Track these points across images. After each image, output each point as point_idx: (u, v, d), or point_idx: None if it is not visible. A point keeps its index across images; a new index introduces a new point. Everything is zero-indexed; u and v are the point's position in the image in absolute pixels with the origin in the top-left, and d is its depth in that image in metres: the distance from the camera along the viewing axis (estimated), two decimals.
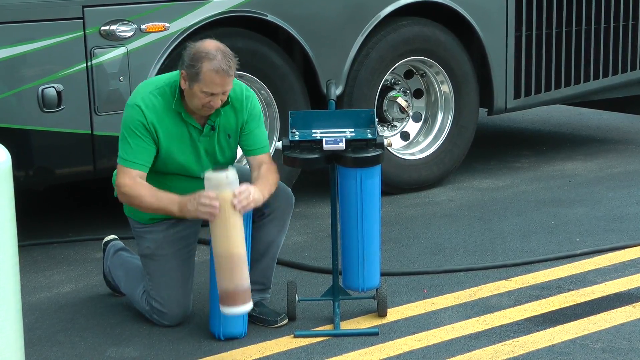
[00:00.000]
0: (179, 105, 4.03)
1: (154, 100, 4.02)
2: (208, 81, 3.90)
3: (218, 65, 3.89)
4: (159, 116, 4.01)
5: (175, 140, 4.05)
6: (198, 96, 3.94)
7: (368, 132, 4.16)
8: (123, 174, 4.01)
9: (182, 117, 4.04)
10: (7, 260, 3.23)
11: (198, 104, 3.98)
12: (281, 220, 4.20)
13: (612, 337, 4.01)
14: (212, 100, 3.95)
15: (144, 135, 3.99)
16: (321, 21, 5.78)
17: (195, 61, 3.91)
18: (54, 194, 6.47)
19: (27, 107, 4.96)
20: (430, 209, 5.96)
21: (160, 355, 3.98)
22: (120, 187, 4.02)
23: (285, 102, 5.71)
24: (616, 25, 6.92)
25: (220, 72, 3.90)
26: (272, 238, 4.21)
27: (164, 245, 4.16)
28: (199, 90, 3.93)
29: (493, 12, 6.39)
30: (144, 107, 3.99)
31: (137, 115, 3.99)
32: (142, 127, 3.98)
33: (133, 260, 4.49)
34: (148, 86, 4.09)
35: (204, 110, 4.00)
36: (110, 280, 4.60)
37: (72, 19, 5.02)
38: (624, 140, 7.77)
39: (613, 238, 5.28)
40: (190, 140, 4.08)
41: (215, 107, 3.99)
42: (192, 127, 4.07)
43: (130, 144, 3.99)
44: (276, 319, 4.21)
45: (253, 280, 4.21)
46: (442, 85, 6.39)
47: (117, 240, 4.70)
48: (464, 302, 4.43)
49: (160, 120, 4.01)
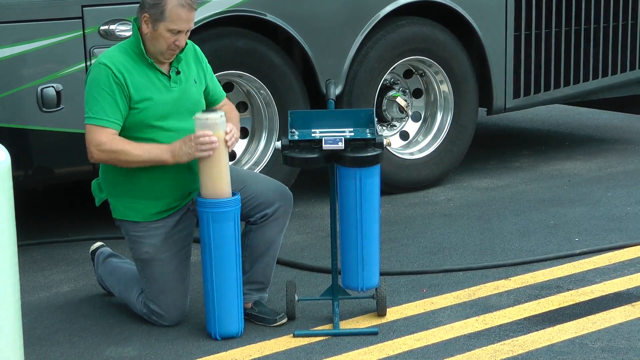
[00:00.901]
0: (147, 55, 4.03)
1: (117, 54, 4.03)
2: (175, 17, 3.93)
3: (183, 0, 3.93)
4: (125, 67, 4.01)
5: (149, 88, 4.04)
6: (164, 36, 3.96)
7: (367, 131, 4.16)
8: (96, 132, 3.99)
9: (149, 65, 4.04)
10: (7, 259, 3.23)
11: (163, 46, 3.99)
12: (282, 220, 4.21)
13: (612, 336, 4.01)
14: (178, 39, 3.98)
15: (115, 92, 3.98)
16: (320, 21, 5.78)
17: (158, 0, 3.94)
18: (53, 193, 6.47)
19: (26, 107, 4.96)
20: (429, 209, 5.96)
21: (160, 355, 3.98)
22: (99, 146, 3.99)
23: (284, 102, 5.71)
24: (615, 25, 6.92)
25: (186, 7, 3.95)
26: (273, 238, 4.21)
27: (162, 249, 4.15)
28: (165, 29, 3.95)
29: (492, 12, 6.39)
30: (110, 63, 3.99)
31: (105, 71, 3.98)
32: (112, 82, 3.98)
33: (123, 265, 4.49)
34: (107, 51, 4.10)
35: (168, 53, 4.02)
36: (105, 287, 4.60)
37: (71, 18, 5.02)
38: (623, 140, 7.77)
39: (612, 238, 5.28)
40: (163, 87, 4.08)
41: (181, 46, 4.01)
42: (161, 74, 4.07)
43: (100, 102, 3.98)
44: (275, 317, 4.21)
45: (253, 280, 4.23)
46: (442, 85, 6.39)
47: (104, 247, 4.70)
48: (463, 302, 4.43)
49: (129, 74, 4.01)
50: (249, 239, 4.21)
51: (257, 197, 4.17)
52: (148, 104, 4.04)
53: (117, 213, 4.22)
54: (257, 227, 4.19)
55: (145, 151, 3.99)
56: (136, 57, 4.04)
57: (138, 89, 4.02)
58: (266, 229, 4.19)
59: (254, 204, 4.16)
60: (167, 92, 4.08)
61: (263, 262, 4.23)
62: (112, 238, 5.32)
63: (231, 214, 3.99)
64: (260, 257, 4.22)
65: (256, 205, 4.17)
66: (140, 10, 4.01)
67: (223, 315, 4.05)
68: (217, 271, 4.01)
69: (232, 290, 4.04)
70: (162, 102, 4.06)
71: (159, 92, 4.06)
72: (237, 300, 4.06)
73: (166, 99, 4.07)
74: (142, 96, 4.02)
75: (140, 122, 4.05)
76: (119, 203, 4.19)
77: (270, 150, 5.77)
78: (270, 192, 4.19)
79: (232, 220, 4.00)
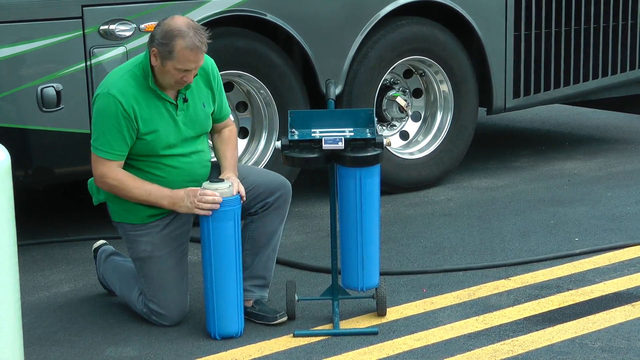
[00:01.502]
0: (154, 84, 4.04)
1: (127, 84, 4.02)
2: (182, 59, 3.93)
3: (191, 42, 3.93)
4: (136, 99, 4.01)
5: (156, 119, 4.05)
6: (171, 73, 3.97)
7: (367, 131, 4.16)
8: (101, 164, 4.04)
9: (157, 95, 4.05)
10: (7, 259, 3.23)
11: (171, 81, 4.01)
12: (283, 209, 4.24)
13: (611, 336, 4.01)
14: (186, 76, 3.99)
15: (121, 125, 3.98)
16: (320, 20, 5.78)
17: (167, 39, 3.93)
18: (53, 193, 6.47)
19: (26, 107, 4.96)
20: (429, 209, 5.96)
21: (159, 355, 3.98)
22: (102, 177, 4.05)
23: (284, 102, 5.71)
24: (615, 25, 6.92)
25: (195, 49, 3.94)
26: (274, 228, 4.23)
27: (160, 247, 4.16)
28: (173, 68, 3.95)
29: (492, 12, 6.39)
30: (119, 94, 3.99)
31: (113, 104, 3.98)
32: (120, 115, 3.98)
33: (125, 263, 4.49)
34: (117, 73, 4.09)
35: (176, 86, 4.04)
36: (106, 286, 4.60)
37: (71, 18, 5.02)
38: (623, 140, 7.77)
39: (612, 237, 5.28)
40: (169, 117, 4.09)
41: (189, 82, 4.03)
42: (168, 103, 4.08)
43: (106, 134, 4.00)
44: (275, 315, 4.21)
45: (254, 275, 4.24)
46: (442, 85, 6.39)
47: (106, 245, 4.70)
48: (463, 302, 4.43)
49: (138, 103, 4.01)
50: (250, 230, 4.23)
51: (258, 187, 4.20)
52: (155, 135, 4.06)
53: (115, 216, 4.24)
54: (258, 217, 4.21)
55: (146, 192, 4.04)
56: (145, 84, 4.04)
57: (146, 122, 4.03)
58: (267, 218, 4.21)
59: (255, 194, 4.19)
60: (173, 122, 4.10)
61: (265, 254, 4.24)
62: (112, 238, 5.32)
63: (231, 213, 3.99)
64: (262, 249, 4.23)
65: (257, 195, 4.19)
66: (150, 43, 4.00)
67: (223, 315, 4.05)
68: (217, 271, 4.01)
69: (232, 290, 4.04)
70: (168, 132, 4.08)
71: (165, 123, 4.07)
72: (236, 300, 4.06)
73: (173, 129, 4.09)
74: (150, 128, 4.04)
75: (148, 151, 4.08)
76: (116, 206, 4.20)
77: (270, 150, 5.77)
78: (270, 182, 4.24)
79: (232, 220, 4.00)
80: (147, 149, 4.07)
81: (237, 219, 4.03)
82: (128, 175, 4.05)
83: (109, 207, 4.25)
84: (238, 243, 4.03)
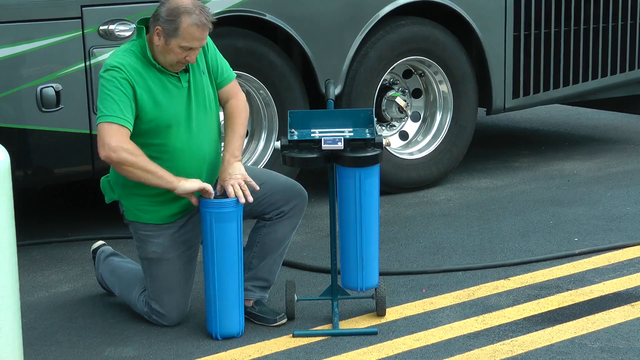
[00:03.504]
0: (154, 60, 4.01)
1: (128, 59, 3.99)
2: (188, 36, 3.90)
3: (197, 19, 3.90)
4: (138, 72, 3.98)
5: (159, 93, 4.01)
6: (175, 51, 3.94)
7: (367, 131, 4.16)
8: (113, 132, 3.90)
9: (159, 69, 4.01)
10: (6, 259, 3.23)
11: (173, 59, 3.97)
12: (296, 218, 4.23)
13: (611, 336, 4.01)
14: (189, 55, 3.96)
15: (127, 92, 3.94)
16: (320, 21, 5.78)
17: (173, 16, 3.91)
18: (53, 193, 6.47)
19: (25, 107, 4.96)
20: (428, 209, 5.96)
21: (159, 355, 3.98)
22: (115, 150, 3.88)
23: (284, 102, 5.71)
24: (614, 25, 6.92)
25: (200, 26, 3.91)
26: (285, 235, 4.23)
27: (170, 250, 4.14)
28: (177, 45, 3.92)
29: (492, 12, 6.39)
30: (122, 66, 3.95)
31: (118, 73, 3.94)
32: (126, 82, 3.94)
33: (125, 264, 4.48)
34: (115, 53, 4.05)
35: (177, 66, 4.00)
36: (105, 286, 4.59)
37: (70, 18, 5.02)
38: (623, 140, 7.77)
39: (611, 237, 5.28)
40: (175, 90, 4.05)
41: (191, 62, 3.99)
42: (170, 76, 4.05)
43: (115, 99, 3.92)
44: (275, 317, 4.21)
45: (258, 276, 4.23)
46: (441, 85, 6.39)
47: (105, 245, 4.69)
48: (462, 302, 4.44)
49: (141, 77, 3.98)
50: (261, 234, 4.21)
51: (275, 195, 4.18)
52: (162, 107, 4.01)
53: (128, 214, 4.20)
54: (271, 223, 4.19)
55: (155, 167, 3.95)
56: (145, 61, 4.01)
57: (149, 93, 3.99)
58: (279, 226, 4.20)
59: (272, 201, 4.17)
60: (179, 93, 4.06)
61: (271, 259, 4.24)
62: (112, 238, 5.32)
63: (234, 214, 3.99)
64: (270, 253, 4.22)
65: (274, 202, 4.17)
66: (154, 22, 3.97)
67: (224, 316, 4.05)
68: (219, 271, 4.01)
69: (234, 290, 4.04)
70: (175, 104, 4.05)
71: (171, 96, 4.04)
72: (238, 301, 4.06)
73: (179, 101, 4.06)
74: (154, 100, 4.00)
75: (155, 126, 4.02)
76: (131, 205, 4.16)
77: (270, 150, 5.77)
78: (288, 190, 4.21)
79: (235, 221, 3.99)
80: (155, 124, 4.00)
81: (240, 220, 4.02)
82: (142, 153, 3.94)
83: (123, 205, 4.21)
84: (240, 244, 4.03)
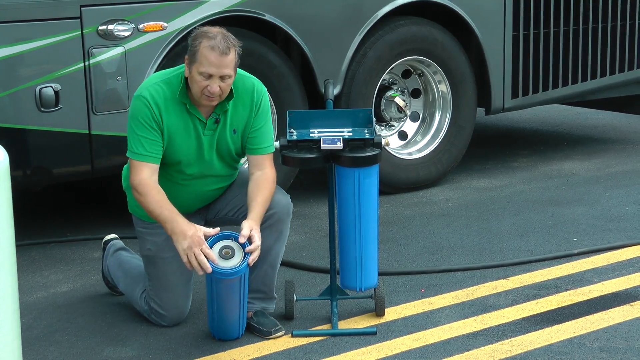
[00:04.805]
0: (184, 96, 3.96)
1: (160, 90, 3.95)
2: (204, 60, 3.83)
3: (214, 43, 3.83)
4: (165, 106, 3.95)
5: (179, 132, 3.98)
6: (196, 80, 3.87)
7: (366, 131, 4.16)
8: (136, 169, 3.94)
9: (187, 109, 3.98)
10: (5, 259, 3.23)
11: (197, 90, 3.90)
12: (276, 228, 4.07)
13: (610, 336, 4.01)
14: (210, 84, 3.86)
15: (152, 127, 3.93)
16: (319, 21, 5.78)
17: (194, 41, 3.89)
18: (52, 193, 6.46)
19: (24, 107, 4.96)
20: (427, 209, 5.96)
21: (158, 355, 3.98)
22: (134, 186, 3.93)
23: (283, 102, 5.71)
24: (613, 25, 6.92)
25: (216, 50, 3.83)
26: (268, 245, 4.04)
27: (164, 249, 4.12)
28: (197, 72, 3.86)
29: (491, 12, 6.39)
30: (149, 98, 3.93)
31: (143, 106, 3.93)
32: (150, 118, 3.92)
33: (133, 260, 4.48)
34: (155, 77, 4.04)
35: (203, 98, 3.91)
36: (109, 280, 4.59)
37: (69, 18, 5.02)
38: (622, 140, 7.77)
39: (610, 237, 5.28)
40: (194, 133, 4.01)
41: (214, 92, 3.88)
42: (197, 119, 4.00)
43: (139, 136, 3.93)
44: (270, 330, 4.10)
45: (252, 288, 4.12)
46: (440, 85, 6.39)
47: (117, 239, 4.69)
48: (461, 302, 4.44)
49: (166, 110, 3.95)
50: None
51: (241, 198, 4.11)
52: (174, 145, 3.98)
53: (129, 206, 4.23)
54: None
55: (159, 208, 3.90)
56: (178, 94, 3.96)
57: (170, 128, 3.95)
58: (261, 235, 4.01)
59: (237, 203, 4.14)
60: (196, 140, 4.01)
61: (262, 270, 4.13)
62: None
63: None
64: (259, 266, 4.09)
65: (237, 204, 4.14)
66: (185, 54, 3.95)
67: (226, 325, 4.02)
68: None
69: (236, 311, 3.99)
70: (187, 145, 4.00)
71: (187, 138, 3.99)
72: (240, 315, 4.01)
73: (194, 147, 4.01)
74: (171, 136, 3.96)
75: (166, 155, 4.00)
76: (131, 198, 4.18)
77: None
78: None
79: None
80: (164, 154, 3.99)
81: None
82: (156, 187, 3.93)
83: (127, 195, 4.22)
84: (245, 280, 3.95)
